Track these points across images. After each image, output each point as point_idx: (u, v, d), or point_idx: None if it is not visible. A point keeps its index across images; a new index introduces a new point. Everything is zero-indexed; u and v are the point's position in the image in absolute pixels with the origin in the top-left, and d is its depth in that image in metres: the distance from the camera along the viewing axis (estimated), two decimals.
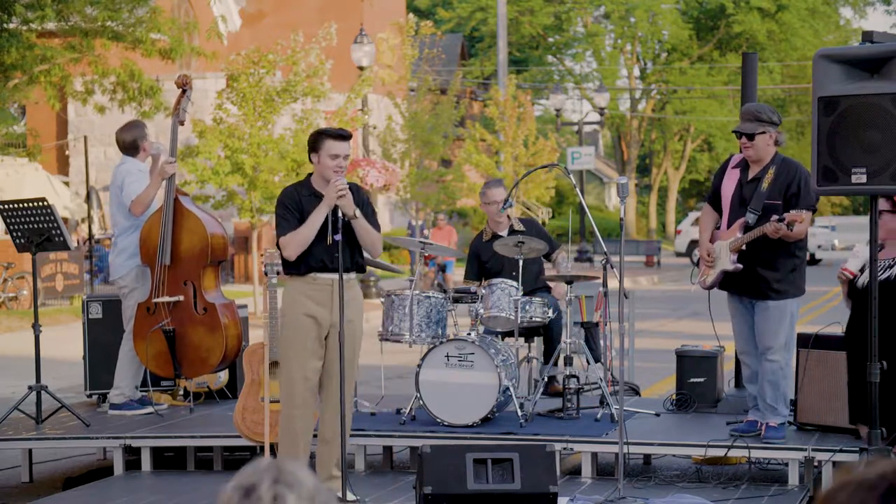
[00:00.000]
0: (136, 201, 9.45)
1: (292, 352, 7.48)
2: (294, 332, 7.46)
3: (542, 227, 10.19)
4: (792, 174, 8.23)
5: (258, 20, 38.10)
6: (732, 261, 8.25)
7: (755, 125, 8.21)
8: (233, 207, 22.95)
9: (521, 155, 35.55)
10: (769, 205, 8.18)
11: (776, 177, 8.23)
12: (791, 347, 8.39)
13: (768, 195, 8.20)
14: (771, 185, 8.21)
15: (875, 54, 6.68)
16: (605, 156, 75.67)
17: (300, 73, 21.72)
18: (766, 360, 8.28)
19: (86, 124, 31.18)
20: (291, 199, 7.47)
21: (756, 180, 8.28)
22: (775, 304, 8.25)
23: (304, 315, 7.45)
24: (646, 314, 15.75)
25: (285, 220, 7.44)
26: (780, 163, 8.31)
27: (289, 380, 7.50)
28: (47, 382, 9.51)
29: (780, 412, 8.29)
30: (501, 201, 9.71)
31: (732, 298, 8.50)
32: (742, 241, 8.19)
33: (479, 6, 55.58)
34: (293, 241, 7.39)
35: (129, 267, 9.53)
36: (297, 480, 2.60)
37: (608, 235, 38.69)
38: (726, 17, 55.56)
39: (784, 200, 8.17)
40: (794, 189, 8.18)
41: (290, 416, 7.52)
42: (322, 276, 7.46)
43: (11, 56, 18.21)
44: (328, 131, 7.60)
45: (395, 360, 12.80)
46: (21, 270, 23.30)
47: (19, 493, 8.77)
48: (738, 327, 8.51)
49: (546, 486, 7.20)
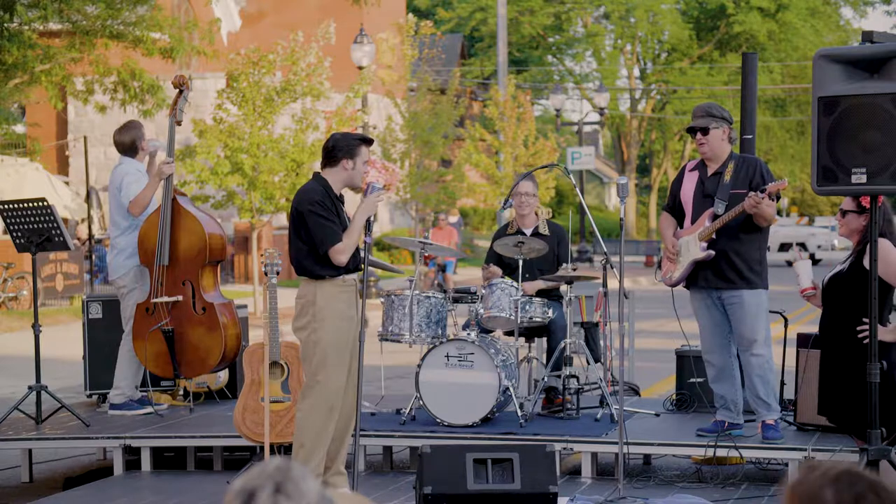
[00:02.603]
0: (134, 202, 9.45)
1: (335, 357, 7.40)
2: (337, 337, 7.40)
3: (566, 237, 9.86)
4: (752, 166, 8.32)
5: (258, 20, 38.08)
6: (703, 248, 8.24)
7: (708, 119, 8.29)
8: (233, 207, 22.95)
9: (521, 155, 35.54)
10: (735, 194, 8.20)
11: (736, 171, 8.29)
12: (770, 342, 8.39)
13: (733, 185, 8.24)
14: (733, 177, 8.27)
15: (875, 54, 6.67)
16: (605, 156, 75.68)
17: (300, 73, 21.72)
18: (751, 356, 8.25)
19: (86, 124, 31.18)
20: (329, 203, 7.40)
21: (717, 174, 8.32)
22: (749, 295, 8.23)
23: (343, 318, 7.44)
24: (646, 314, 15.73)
25: (333, 225, 7.35)
26: (738, 159, 8.38)
27: (327, 384, 7.39)
28: (47, 382, 9.51)
29: (773, 407, 8.27)
30: (527, 192, 9.68)
31: (698, 294, 8.42)
32: (715, 227, 8.20)
33: (479, 6, 55.57)
34: (348, 248, 7.37)
35: (128, 267, 9.53)
36: (299, 491, 2.56)
37: (608, 235, 38.73)
38: (726, 17, 55.56)
39: (749, 188, 8.19)
40: (758, 178, 8.24)
41: (325, 419, 7.43)
42: (348, 277, 7.49)
43: (13, 55, 18.21)
44: (362, 138, 7.63)
45: (395, 360, 12.80)
46: (21, 270, 23.30)
47: (19, 493, 8.77)
48: (704, 323, 8.43)
49: (546, 486, 7.20)
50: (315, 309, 7.39)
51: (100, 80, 20.01)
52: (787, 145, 59.76)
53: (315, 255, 7.37)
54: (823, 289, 7.38)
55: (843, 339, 7.10)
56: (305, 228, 7.37)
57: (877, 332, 6.77)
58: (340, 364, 7.43)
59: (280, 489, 2.54)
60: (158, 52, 19.54)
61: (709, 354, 8.48)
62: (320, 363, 7.40)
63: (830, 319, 7.30)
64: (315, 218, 7.33)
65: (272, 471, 2.57)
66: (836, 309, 7.23)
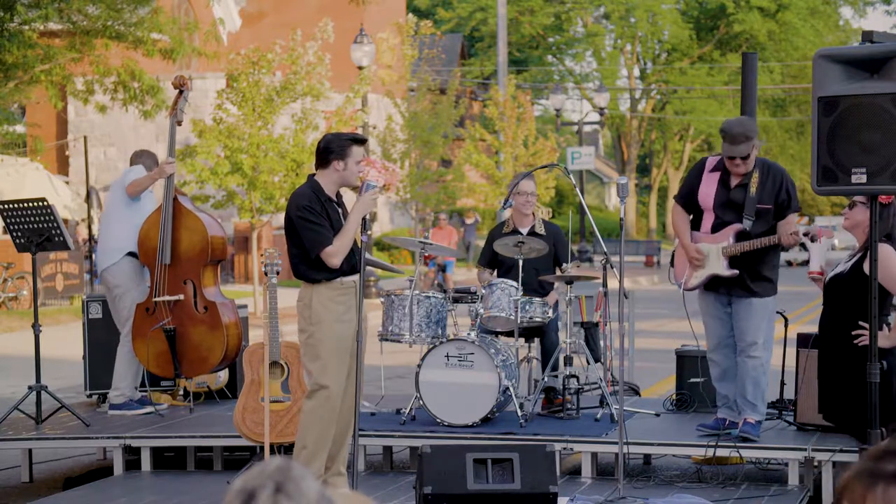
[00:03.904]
0: (134, 183, 9.51)
1: (335, 361, 7.38)
2: (336, 341, 7.37)
3: (563, 238, 9.87)
4: (778, 179, 8.30)
5: (258, 20, 38.09)
6: (726, 266, 8.26)
7: (748, 146, 8.16)
8: (233, 207, 22.95)
9: (520, 155, 35.54)
10: (761, 209, 8.22)
11: (762, 181, 8.27)
12: (770, 346, 8.40)
13: (758, 199, 8.23)
14: (759, 189, 8.25)
15: (875, 54, 6.67)
16: (605, 156, 75.66)
17: (299, 72, 21.72)
18: (747, 357, 8.27)
19: (86, 124, 31.16)
20: (318, 206, 7.36)
21: (742, 186, 8.29)
22: (759, 301, 8.28)
23: (341, 321, 7.40)
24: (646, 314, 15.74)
25: (323, 228, 7.32)
26: (762, 165, 8.34)
27: (331, 389, 7.36)
28: (47, 382, 9.51)
29: (760, 409, 8.29)
30: (530, 193, 9.69)
31: (706, 296, 8.44)
32: (744, 248, 8.19)
33: (479, 6, 55.57)
34: (341, 250, 7.33)
35: (118, 254, 9.45)
36: (299, 491, 2.55)
37: (608, 235, 38.71)
38: (726, 17, 55.57)
39: (775, 206, 8.23)
40: (784, 196, 8.26)
41: (328, 423, 7.41)
42: (346, 279, 7.45)
43: (13, 55, 18.21)
44: (353, 137, 7.57)
45: (395, 360, 12.81)
46: (21, 270, 23.30)
47: (19, 493, 8.77)
48: (712, 324, 8.46)
49: (546, 486, 7.20)
50: (311, 312, 7.39)
51: (100, 81, 20.01)
52: (787, 145, 59.78)
53: (309, 260, 7.36)
54: (825, 287, 7.38)
55: (841, 340, 7.11)
56: (297, 234, 7.39)
57: (877, 333, 6.77)
58: (340, 366, 7.41)
59: (280, 489, 2.53)
60: (159, 52, 19.54)
61: (714, 353, 8.50)
62: (321, 366, 7.39)
63: (830, 319, 7.30)
64: (303, 223, 7.32)
65: (272, 471, 2.56)
66: (836, 309, 7.23)
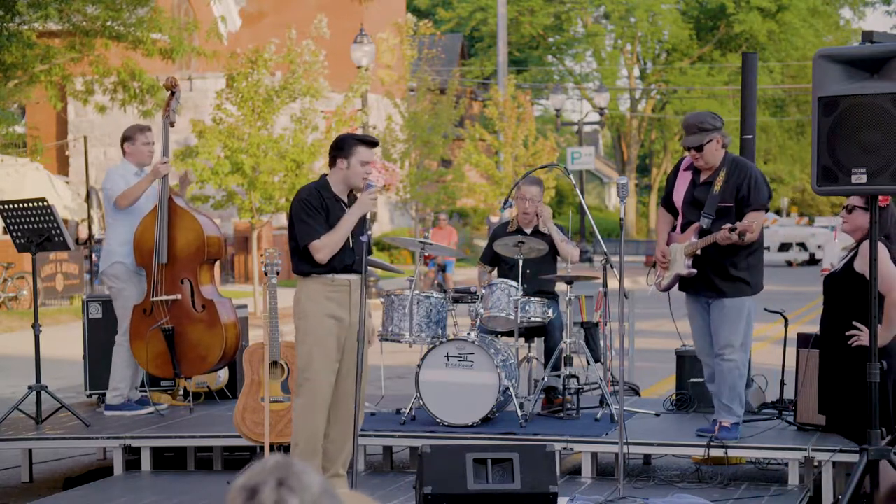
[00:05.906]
0: (124, 195, 9.44)
1: (320, 354, 7.39)
2: (320, 334, 7.38)
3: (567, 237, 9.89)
4: (742, 176, 8.26)
5: (258, 20, 38.09)
6: (687, 265, 8.30)
7: (700, 136, 8.21)
8: (233, 207, 22.95)
9: (520, 155, 35.55)
10: (722, 207, 8.23)
11: (727, 179, 8.27)
12: (747, 348, 8.40)
13: (721, 198, 8.24)
14: (722, 187, 8.26)
15: (875, 54, 6.67)
16: (605, 156, 75.67)
17: (297, 71, 21.72)
18: (722, 360, 8.26)
19: (86, 124, 31.17)
20: (317, 202, 7.38)
21: (708, 183, 8.31)
22: (731, 302, 8.26)
23: (328, 317, 7.40)
24: (646, 314, 15.69)
25: (315, 221, 7.34)
26: (731, 163, 8.33)
27: (315, 382, 7.38)
28: (47, 382, 9.51)
29: (735, 412, 8.28)
30: (533, 198, 9.69)
31: (690, 299, 8.50)
32: (696, 247, 8.25)
33: (479, 6, 55.59)
34: (329, 245, 7.33)
35: (117, 255, 9.46)
36: (302, 485, 2.55)
37: (608, 235, 38.72)
38: (726, 17, 55.58)
39: (736, 202, 8.23)
40: (745, 191, 8.23)
41: (315, 417, 7.42)
42: (340, 276, 7.43)
43: (13, 55, 18.21)
44: (361, 138, 7.57)
45: (395, 360, 12.80)
46: (21, 270, 23.30)
47: (19, 493, 8.77)
48: (697, 327, 8.49)
49: (546, 486, 7.20)
50: (298, 307, 7.44)
51: (100, 81, 20.01)
52: (787, 145, 59.79)
53: (300, 252, 7.41)
54: (824, 287, 7.39)
55: (838, 340, 7.11)
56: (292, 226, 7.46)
57: (876, 333, 6.76)
58: (326, 362, 7.39)
59: (283, 483, 2.54)
60: (158, 52, 19.54)
61: (703, 356, 8.56)
62: (307, 361, 7.42)
63: (828, 319, 7.31)
64: (297, 215, 7.39)
65: (273, 466, 2.57)
66: (833, 308, 7.24)
